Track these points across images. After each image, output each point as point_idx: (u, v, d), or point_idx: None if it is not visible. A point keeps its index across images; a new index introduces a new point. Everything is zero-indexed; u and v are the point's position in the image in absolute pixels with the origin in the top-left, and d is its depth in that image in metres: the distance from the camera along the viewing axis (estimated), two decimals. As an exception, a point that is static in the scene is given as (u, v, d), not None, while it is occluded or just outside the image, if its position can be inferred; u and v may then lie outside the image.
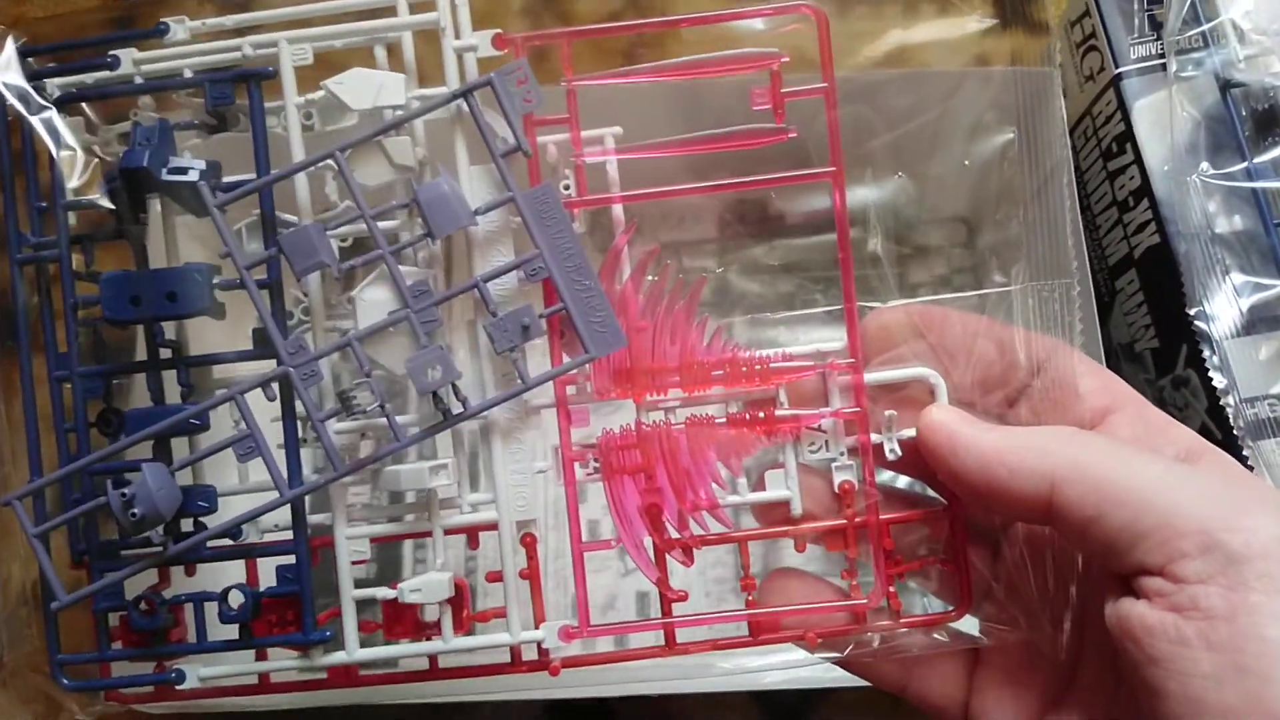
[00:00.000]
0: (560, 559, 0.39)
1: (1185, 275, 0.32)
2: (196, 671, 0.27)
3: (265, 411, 0.26)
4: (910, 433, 0.27)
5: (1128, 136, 0.34)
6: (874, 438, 0.27)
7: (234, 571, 0.28)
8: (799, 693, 0.38)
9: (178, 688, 0.27)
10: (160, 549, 0.26)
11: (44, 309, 0.28)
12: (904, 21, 0.30)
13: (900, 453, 0.27)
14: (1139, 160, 0.34)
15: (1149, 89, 0.34)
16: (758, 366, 0.27)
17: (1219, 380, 0.32)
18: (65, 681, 0.27)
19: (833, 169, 0.27)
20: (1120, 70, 0.35)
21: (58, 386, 0.28)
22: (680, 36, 0.28)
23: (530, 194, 0.26)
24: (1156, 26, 0.35)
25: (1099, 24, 0.35)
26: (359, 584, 0.27)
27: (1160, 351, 0.35)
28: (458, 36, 0.27)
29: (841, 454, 0.27)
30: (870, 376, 0.27)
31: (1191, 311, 0.32)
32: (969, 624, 0.28)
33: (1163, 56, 0.34)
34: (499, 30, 0.27)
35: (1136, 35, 0.35)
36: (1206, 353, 0.32)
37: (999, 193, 0.27)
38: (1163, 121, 0.34)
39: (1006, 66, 0.27)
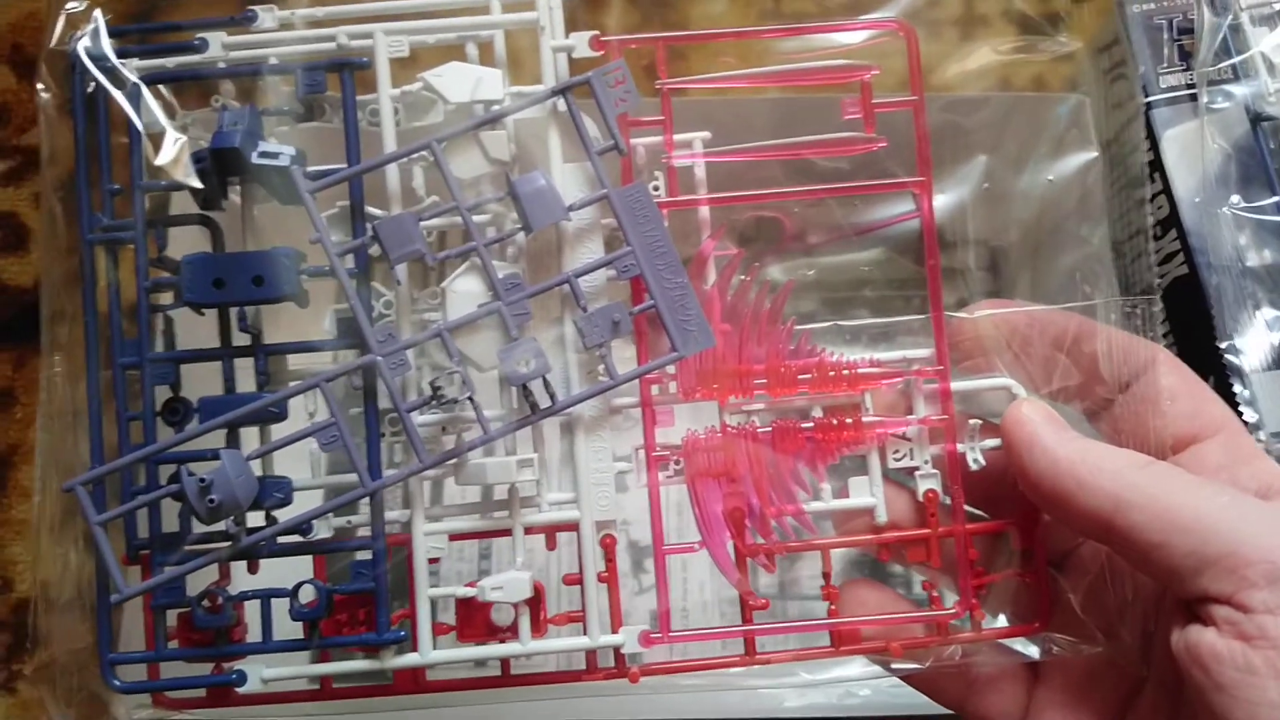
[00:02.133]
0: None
1: (1215, 308, 0.33)
2: (259, 672, 0.26)
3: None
4: (994, 443, 0.27)
5: (1156, 166, 0.35)
6: (958, 447, 0.27)
7: (289, 571, 0.27)
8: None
9: (239, 690, 0.26)
10: (230, 542, 0.25)
11: (113, 292, 0.27)
12: (932, 44, 0.30)
13: (984, 462, 0.27)
14: (1168, 190, 0.34)
15: (1178, 119, 0.35)
16: (845, 371, 0.27)
17: (1249, 414, 0.32)
18: (116, 682, 0.26)
19: (921, 179, 0.27)
20: (1150, 99, 0.35)
21: (121, 373, 0.27)
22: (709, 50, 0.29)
23: (623, 191, 0.27)
24: (1185, 56, 0.35)
25: (1129, 52, 0.35)
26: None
27: None
28: (554, 36, 0.27)
29: (925, 462, 0.27)
30: (956, 385, 0.27)
31: (1222, 345, 0.32)
32: (1025, 643, 0.28)
33: (1192, 87, 0.35)
34: (597, 32, 0.27)
35: (1166, 65, 0.35)
36: (1237, 387, 0.32)
37: (1081, 210, 0.28)
38: (1191, 152, 0.34)
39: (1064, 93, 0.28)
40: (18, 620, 0.43)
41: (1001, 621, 0.28)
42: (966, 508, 0.28)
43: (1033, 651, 0.28)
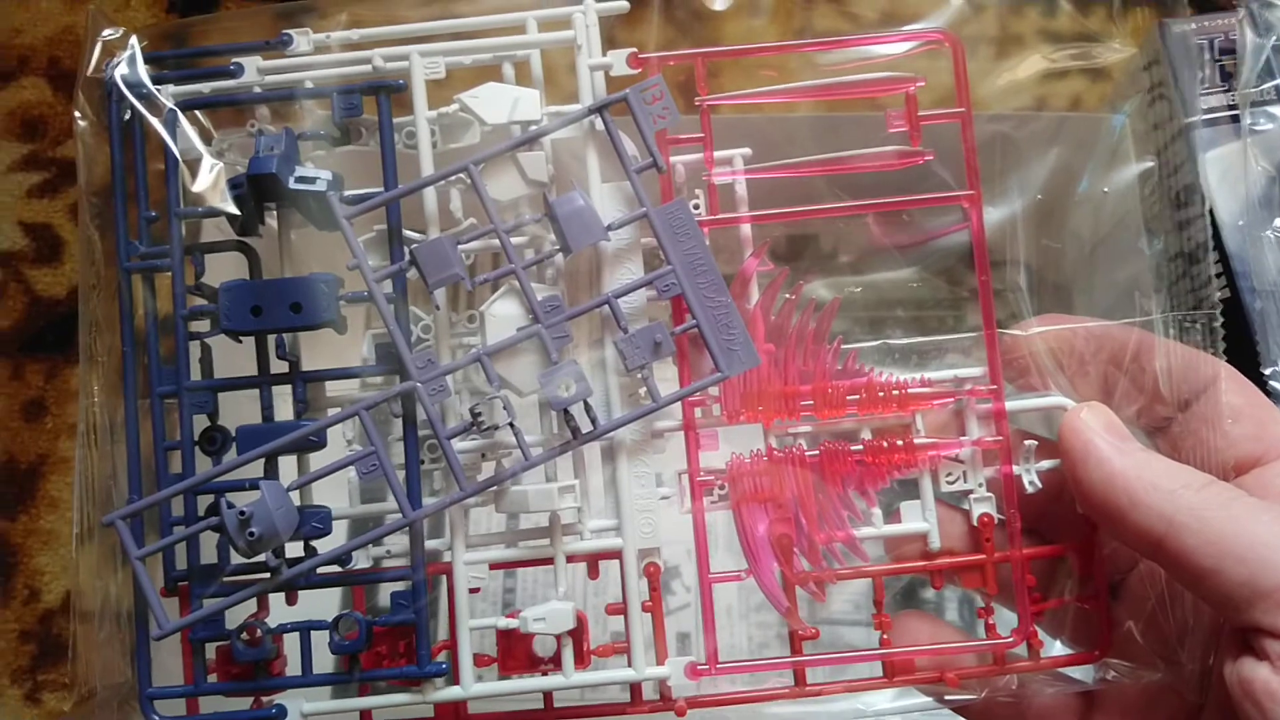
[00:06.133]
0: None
1: (1259, 333, 0.32)
2: (299, 707, 0.25)
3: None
4: (1051, 464, 0.26)
5: (1197, 188, 0.33)
6: (1014, 469, 0.26)
7: (319, 599, 0.27)
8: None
9: (277, 725, 0.25)
10: (270, 574, 0.25)
11: (150, 320, 0.27)
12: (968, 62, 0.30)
13: (1040, 485, 0.26)
14: (1209, 213, 0.33)
15: (1219, 140, 0.34)
16: (895, 392, 0.26)
17: (1295, 441, 0.31)
18: (156, 717, 0.25)
19: (970, 192, 0.26)
20: (1190, 120, 0.34)
21: (159, 402, 0.27)
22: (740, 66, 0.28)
23: (663, 210, 0.26)
24: (1227, 77, 0.34)
25: (1169, 72, 0.35)
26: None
27: None
28: (591, 55, 0.27)
29: (980, 485, 0.26)
30: (1010, 405, 0.26)
31: (1266, 371, 0.31)
32: (1082, 670, 0.27)
33: (1234, 107, 0.34)
34: (634, 49, 0.27)
35: (1207, 85, 0.34)
36: None
37: (1137, 221, 0.27)
38: (1233, 174, 0.33)
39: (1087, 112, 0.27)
40: (44, 630, 0.42)
41: (1057, 647, 0.27)
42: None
43: (1089, 678, 0.27)
